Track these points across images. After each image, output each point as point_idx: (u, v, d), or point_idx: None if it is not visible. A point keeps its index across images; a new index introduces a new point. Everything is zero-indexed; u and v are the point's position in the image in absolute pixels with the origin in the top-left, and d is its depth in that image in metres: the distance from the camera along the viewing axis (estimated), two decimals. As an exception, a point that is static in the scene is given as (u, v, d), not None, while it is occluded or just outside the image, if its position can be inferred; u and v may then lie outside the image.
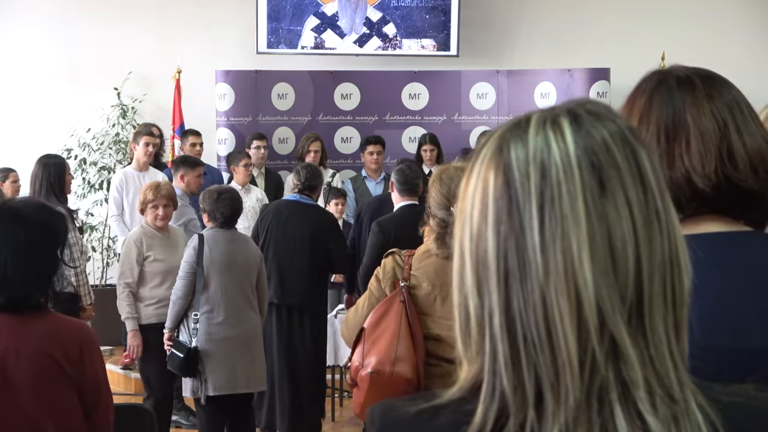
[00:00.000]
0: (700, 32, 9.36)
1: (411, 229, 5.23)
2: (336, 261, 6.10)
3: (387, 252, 3.53)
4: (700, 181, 1.35)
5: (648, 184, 0.90)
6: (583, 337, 0.86)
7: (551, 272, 0.87)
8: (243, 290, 5.31)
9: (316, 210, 6.19)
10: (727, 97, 1.40)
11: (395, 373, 3.19)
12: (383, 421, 0.99)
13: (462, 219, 0.94)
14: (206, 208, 5.36)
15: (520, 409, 0.88)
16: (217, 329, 5.21)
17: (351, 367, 3.35)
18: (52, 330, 2.67)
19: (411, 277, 3.35)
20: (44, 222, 2.73)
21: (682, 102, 1.39)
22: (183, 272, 5.28)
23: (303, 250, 5.97)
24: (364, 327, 3.32)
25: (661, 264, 0.89)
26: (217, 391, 5.20)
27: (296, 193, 6.18)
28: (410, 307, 3.28)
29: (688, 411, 0.89)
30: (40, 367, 2.63)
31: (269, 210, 6.23)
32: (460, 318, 0.94)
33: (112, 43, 9.56)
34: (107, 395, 2.80)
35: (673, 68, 1.46)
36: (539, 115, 0.93)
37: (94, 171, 9.40)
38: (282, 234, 5.99)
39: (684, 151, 1.37)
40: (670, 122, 1.39)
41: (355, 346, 3.34)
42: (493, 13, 9.66)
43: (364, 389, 3.24)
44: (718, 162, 1.36)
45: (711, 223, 1.38)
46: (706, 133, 1.37)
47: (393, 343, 3.22)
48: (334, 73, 9.16)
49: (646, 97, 1.42)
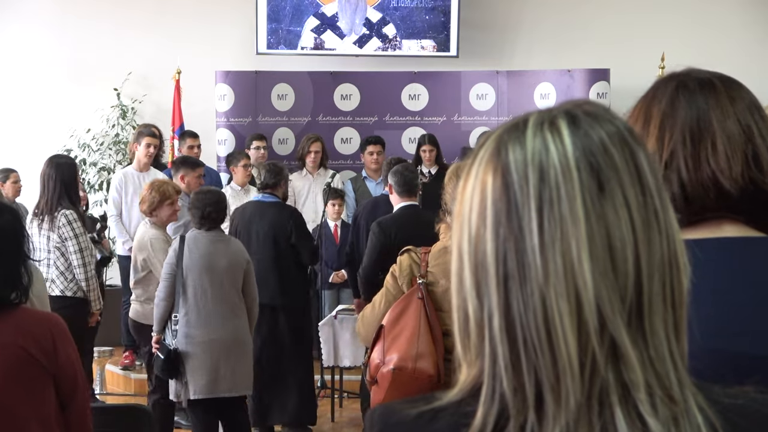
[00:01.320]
0: (700, 32, 9.36)
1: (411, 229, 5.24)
2: (303, 254, 6.14)
3: (402, 249, 3.53)
4: (727, 182, 1.35)
5: (646, 185, 0.90)
6: (583, 338, 0.86)
7: (551, 274, 0.87)
8: (224, 292, 5.24)
9: (276, 207, 6.22)
10: (747, 100, 1.40)
11: (418, 369, 3.21)
12: (383, 423, 0.99)
13: (460, 221, 0.93)
14: (189, 209, 5.38)
15: (521, 412, 0.88)
16: (196, 332, 5.18)
17: (370, 364, 3.34)
18: (22, 323, 2.69)
19: (428, 274, 3.36)
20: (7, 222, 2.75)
21: (706, 104, 1.39)
22: (165, 274, 5.26)
23: (267, 249, 6.04)
24: (383, 324, 3.32)
25: (660, 265, 0.89)
26: (197, 394, 5.18)
27: (258, 192, 6.27)
28: (428, 304, 3.29)
29: (688, 412, 0.89)
30: (14, 360, 2.65)
31: (236, 212, 6.36)
32: (459, 320, 0.94)
33: (112, 43, 9.56)
34: (83, 384, 2.82)
35: (691, 71, 1.45)
36: (537, 116, 0.93)
37: (94, 172, 9.41)
38: (246, 234, 6.06)
39: (710, 153, 1.36)
40: (695, 125, 1.38)
41: (374, 344, 3.34)
42: (493, 13, 9.66)
43: (384, 386, 3.24)
44: (744, 165, 1.36)
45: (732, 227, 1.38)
46: (732, 136, 1.37)
47: (414, 340, 3.24)
48: (334, 74, 9.16)
49: (668, 99, 1.41)
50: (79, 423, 2.78)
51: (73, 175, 5.91)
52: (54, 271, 5.77)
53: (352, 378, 7.02)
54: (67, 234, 5.75)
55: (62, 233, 5.75)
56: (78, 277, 5.80)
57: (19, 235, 2.78)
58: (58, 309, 4.22)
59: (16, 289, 2.71)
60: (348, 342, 6.58)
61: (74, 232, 5.73)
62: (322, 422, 6.57)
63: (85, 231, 5.85)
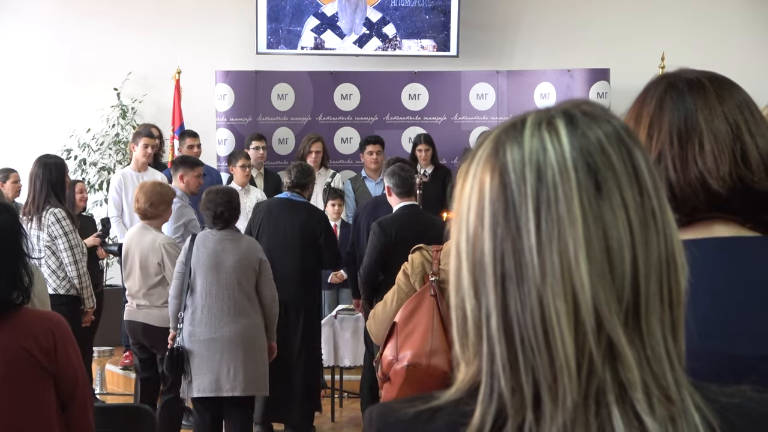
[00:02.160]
0: (700, 32, 9.36)
1: (412, 229, 5.25)
2: (326, 256, 6.14)
3: (414, 247, 3.53)
4: (715, 182, 1.35)
5: (644, 185, 0.90)
6: (581, 339, 0.86)
7: (548, 274, 0.87)
8: (231, 291, 5.23)
9: (306, 207, 6.23)
10: (737, 99, 1.40)
11: (432, 366, 3.21)
12: (381, 423, 0.99)
13: (458, 220, 0.94)
14: (201, 210, 5.39)
15: (518, 411, 0.89)
16: (200, 330, 5.20)
17: (382, 361, 3.34)
18: (24, 323, 2.67)
19: (440, 272, 3.36)
20: (5, 222, 2.73)
21: (694, 105, 1.39)
22: (176, 272, 5.31)
23: (294, 247, 6.02)
24: (395, 322, 3.32)
25: (658, 265, 0.89)
26: (200, 392, 5.19)
27: (287, 191, 6.25)
28: (441, 301, 3.30)
29: (686, 412, 0.89)
30: (15, 361, 2.63)
31: (261, 208, 6.31)
32: (457, 319, 0.94)
33: (112, 43, 9.56)
34: (84, 384, 2.80)
35: (681, 71, 1.45)
36: (535, 116, 0.93)
37: (94, 171, 9.41)
38: (273, 231, 6.04)
39: (698, 153, 1.36)
40: (683, 125, 1.38)
41: (387, 341, 3.34)
42: (493, 13, 9.66)
43: (398, 383, 3.25)
44: (732, 164, 1.35)
45: (724, 227, 1.38)
46: (719, 135, 1.36)
47: (427, 337, 3.24)
48: (334, 74, 9.16)
49: (656, 101, 1.41)
50: (79, 423, 2.77)
51: (61, 174, 5.90)
52: (46, 270, 5.77)
53: (352, 378, 7.02)
54: (56, 232, 5.75)
55: (51, 231, 5.75)
56: (70, 274, 5.79)
57: (18, 235, 2.76)
58: (51, 307, 4.22)
59: (18, 289, 2.69)
60: (348, 342, 6.59)
61: (63, 229, 5.71)
62: (323, 422, 6.57)
63: (75, 228, 5.83)
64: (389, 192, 5.62)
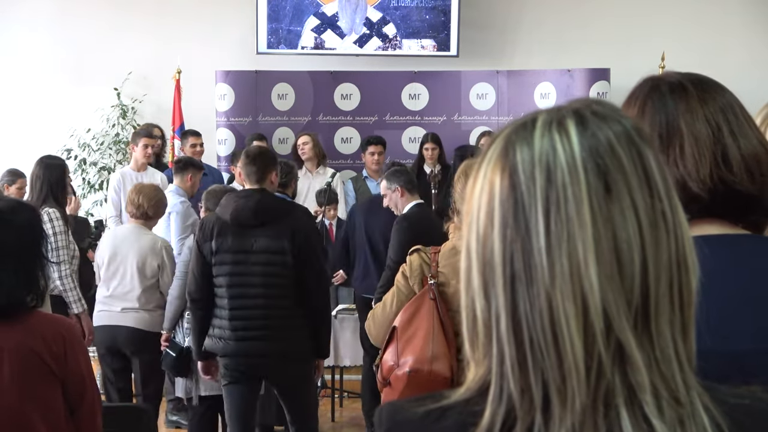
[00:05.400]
0: (700, 32, 9.36)
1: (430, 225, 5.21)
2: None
3: (411, 249, 3.47)
4: (695, 185, 1.35)
5: (654, 186, 0.90)
6: (589, 341, 0.86)
7: (557, 276, 0.87)
8: None
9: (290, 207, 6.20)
10: (721, 101, 1.40)
11: (433, 372, 3.18)
12: (391, 421, 0.99)
13: (469, 220, 0.94)
14: (210, 208, 5.37)
15: (528, 413, 0.88)
16: None
17: (383, 366, 3.30)
18: (36, 327, 2.65)
19: (439, 274, 3.31)
20: (26, 221, 2.70)
21: (675, 108, 1.39)
22: (179, 272, 5.28)
23: None
24: (395, 326, 3.29)
25: (668, 266, 0.89)
26: (209, 391, 5.18)
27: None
28: (441, 305, 3.26)
29: (694, 413, 0.89)
30: (25, 364, 2.62)
31: None
32: (467, 319, 0.94)
33: (112, 43, 9.56)
34: (92, 389, 2.78)
35: (665, 75, 1.46)
36: (545, 116, 0.92)
37: (94, 171, 9.41)
38: None
39: (678, 156, 1.37)
40: (664, 129, 1.39)
41: (387, 345, 3.31)
42: (493, 13, 9.66)
43: (399, 389, 3.21)
44: (713, 166, 1.36)
45: (709, 226, 1.38)
46: (700, 138, 1.37)
47: (428, 342, 3.20)
48: (334, 74, 9.16)
49: (639, 104, 1.42)
50: (88, 428, 2.75)
51: (62, 176, 5.86)
52: None
53: (352, 378, 7.02)
54: (46, 231, 5.69)
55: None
56: (53, 275, 5.63)
57: (39, 236, 2.72)
58: None
59: (32, 292, 2.66)
60: (348, 342, 6.58)
61: (54, 230, 5.63)
62: (322, 422, 6.56)
63: (67, 230, 5.73)
64: (401, 192, 5.58)
